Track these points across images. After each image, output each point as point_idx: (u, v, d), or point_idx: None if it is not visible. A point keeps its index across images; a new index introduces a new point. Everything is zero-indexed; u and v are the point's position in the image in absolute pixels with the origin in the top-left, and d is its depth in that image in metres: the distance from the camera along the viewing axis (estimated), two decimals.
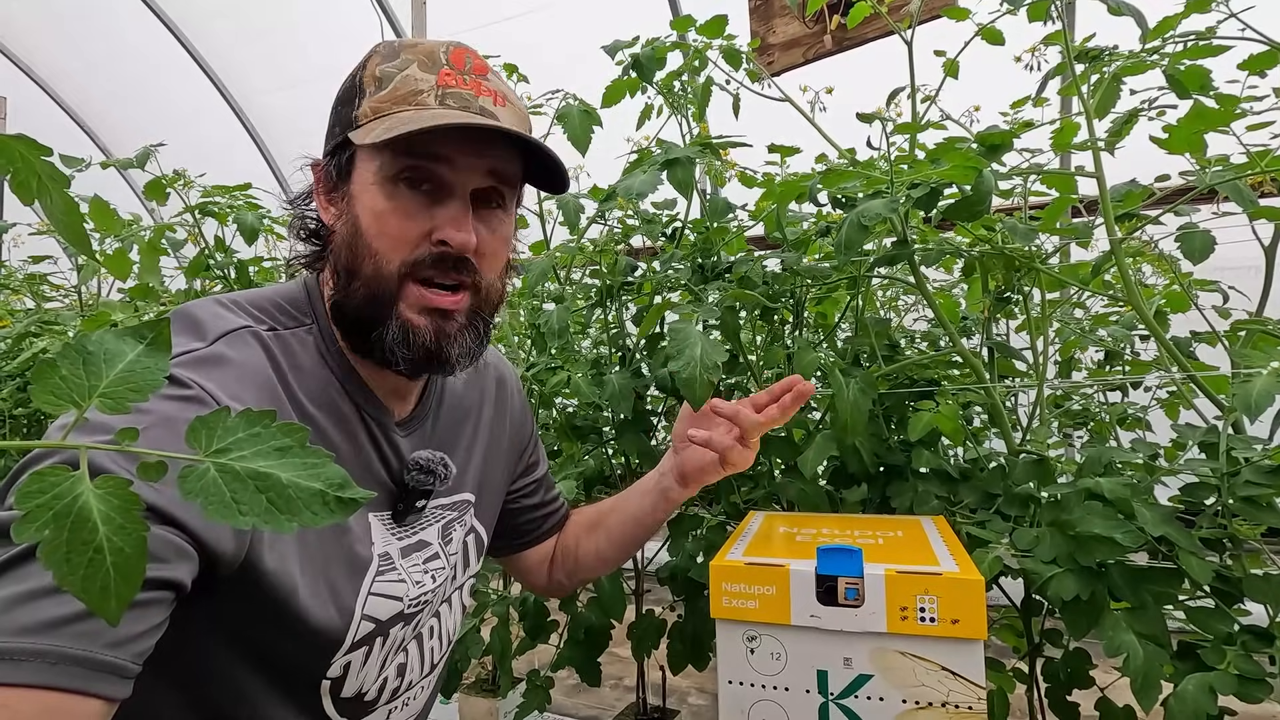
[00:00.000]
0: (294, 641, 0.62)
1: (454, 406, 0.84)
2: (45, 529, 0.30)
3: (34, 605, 0.43)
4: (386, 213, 0.65)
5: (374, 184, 0.66)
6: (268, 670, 0.64)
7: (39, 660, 0.42)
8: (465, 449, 0.84)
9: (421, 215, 0.66)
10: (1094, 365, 1.54)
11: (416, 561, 0.74)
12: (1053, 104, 1.19)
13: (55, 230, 0.38)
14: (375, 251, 0.66)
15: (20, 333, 2.05)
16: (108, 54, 4.62)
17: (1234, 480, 0.88)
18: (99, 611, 0.30)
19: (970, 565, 0.74)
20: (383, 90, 0.66)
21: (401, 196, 0.65)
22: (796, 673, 0.75)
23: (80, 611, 0.44)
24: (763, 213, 1.31)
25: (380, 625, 0.69)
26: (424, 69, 0.67)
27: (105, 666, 0.44)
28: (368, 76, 0.68)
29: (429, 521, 0.77)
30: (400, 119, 0.63)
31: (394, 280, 0.66)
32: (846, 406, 1.03)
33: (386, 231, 0.65)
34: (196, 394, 0.55)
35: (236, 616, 0.60)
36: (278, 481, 0.34)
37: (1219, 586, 0.88)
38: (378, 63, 0.68)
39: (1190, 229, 0.96)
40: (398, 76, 0.66)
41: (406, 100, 0.65)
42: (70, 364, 0.33)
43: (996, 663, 1.15)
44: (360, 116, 0.66)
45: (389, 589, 0.70)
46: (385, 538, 0.72)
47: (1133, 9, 0.94)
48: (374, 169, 0.66)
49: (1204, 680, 0.79)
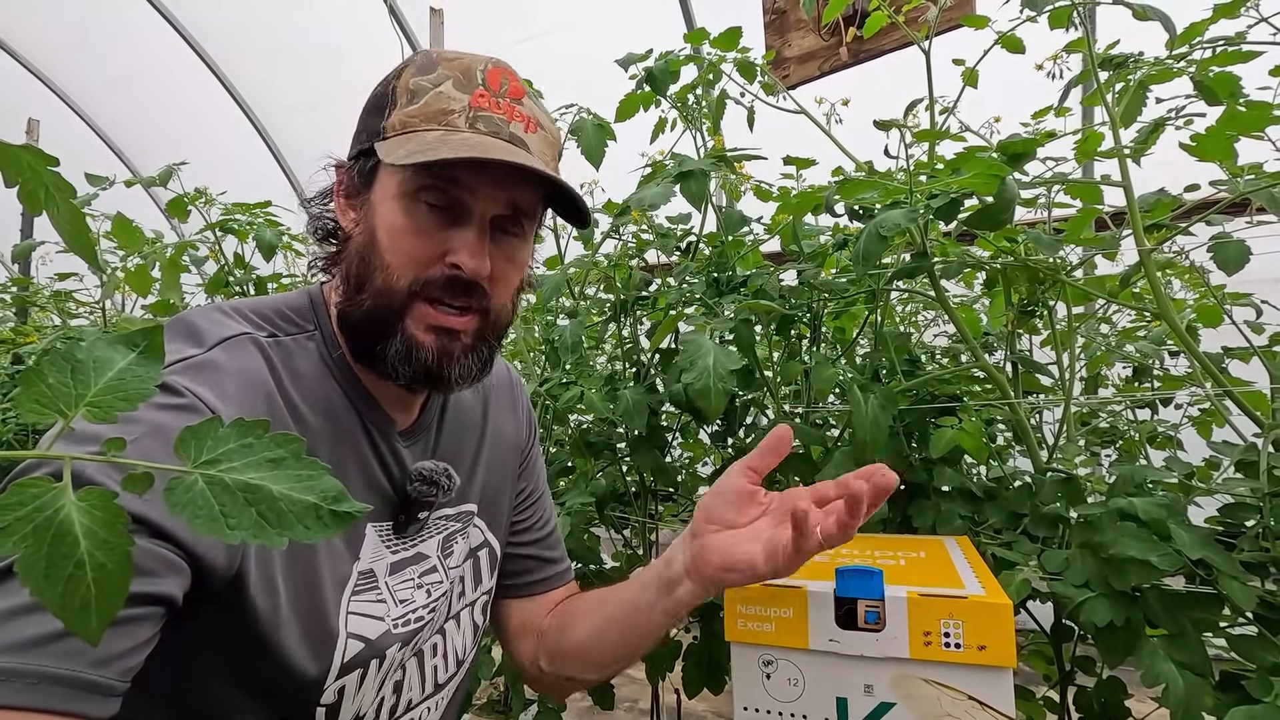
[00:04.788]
0: (280, 661, 0.60)
1: (460, 417, 0.82)
2: (24, 543, 0.29)
3: (15, 623, 0.42)
4: (403, 230, 0.65)
5: (394, 198, 0.65)
6: (259, 695, 0.62)
7: (18, 680, 0.40)
8: (470, 460, 0.82)
9: (438, 236, 0.65)
10: (1121, 382, 1.49)
11: (409, 577, 0.72)
12: (1074, 114, 1.16)
13: (61, 240, 0.37)
14: (387, 266, 0.65)
15: (46, 348, 2.08)
16: (133, 72, 4.74)
17: (1276, 501, 0.84)
18: (78, 630, 0.29)
19: (997, 588, 0.71)
20: (414, 104, 0.65)
21: (420, 215, 0.65)
22: (815, 699, 0.72)
23: (62, 630, 0.42)
24: (778, 226, 1.29)
25: (371, 645, 0.66)
26: (458, 87, 0.65)
27: (89, 685, 0.43)
28: (401, 86, 0.66)
29: (430, 534, 0.75)
30: (426, 140, 0.62)
31: (403, 296, 0.65)
32: (865, 423, 1.01)
33: (401, 248, 0.65)
34: (190, 402, 0.54)
35: (225, 634, 0.58)
36: (268, 494, 0.33)
37: (1263, 613, 0.84)
38: (412, 74, 0.67)
39: (1223, 238, 0.93)
40: (430, 92, 0.65)
41: (436, 119, 0.64)
42: (58, 372, 0.32)
43: (1026, 691, 1.10)
44: (388, 128, 0.65)
45: (367, 608, 0.67)
46: (378, 551, 0.69)
47: (1160, 13, 0.92)
48: (396, 183, 0.65)
49: (1250, 713, 0.75)
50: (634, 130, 1.33)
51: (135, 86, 4.80)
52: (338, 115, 0.74)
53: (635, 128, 1.33)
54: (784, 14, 1.46)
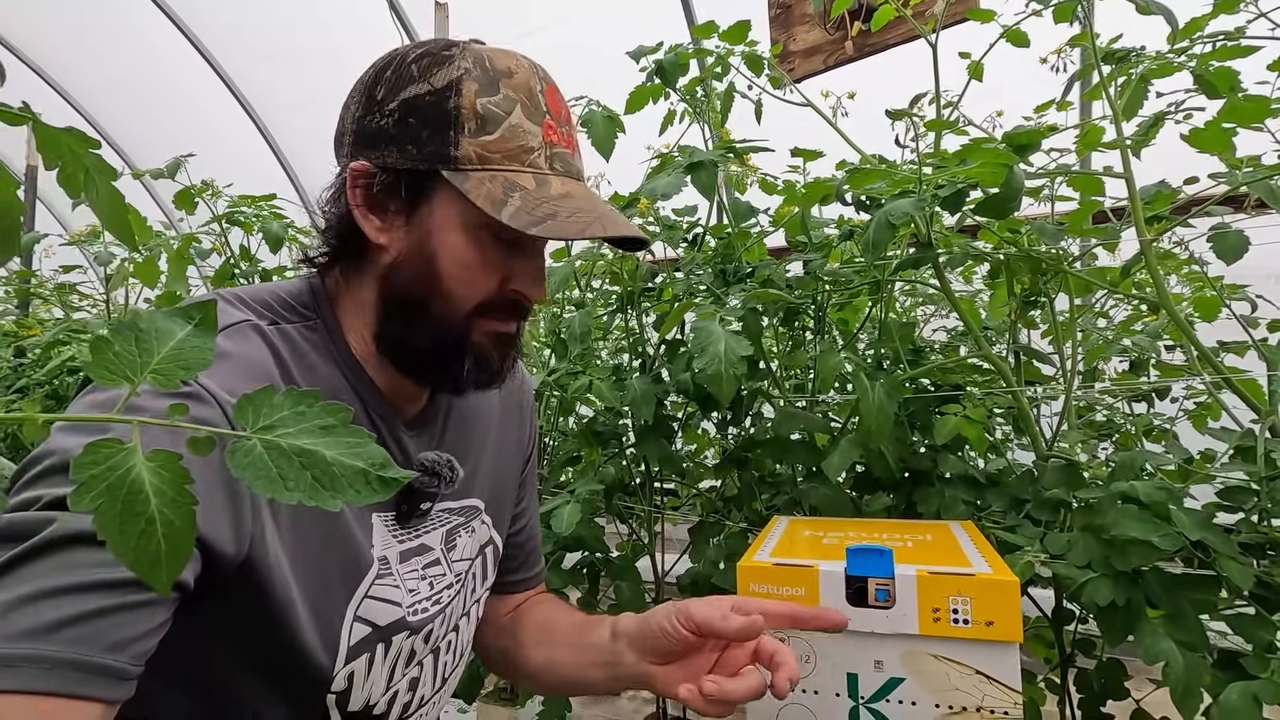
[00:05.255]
0: (290, 648, 0.61)
1: (466, 410, 0.82)
2: (100, 499, 0.30)
3: (30, 609, 0.43)
4: (472, 262, 0.65)
5: (460, 227, 0.64)
6: (269, 678, 0.62)
7: (34, 665, 0.41)
8: (476, 454, 0.82)
9: (502, 266, 0.66)
10: (1118, 375, 1.52)
11: (415, 567, 0.72)
12: (1076, 108, 1.18)
13: (100, 222, 0.39)
14: (449, 293, 0.65)
15: (50, 341, 2.09)
16: (132, 69, 4.73)
17: (1274, 484, 0.86)
18: (150, 581, 0.30)
19: (1004, 567, 0.73)
20: (488, 135, 0.62)
21: (487, 247, 0.64)
22: (826, 676, 0.74)
23: (77, 615, 0.43)
24: (784, 218, 1.31)
25: (379, 630, 0.67)
26: (528, 115, 0.64)
27: (103, 669, 0.44)
28: (466, 106, 0.62)
29: (433, 525, 0.76)
30: (531, 195, 0.62)
31: (464, 319, 0.67)
32: (871, 410, 1.02)
33: (467, 279, 0.65)
34: (194, 390, 0.54)
35: (236, 619, 0.59)
36: (322, 459, 0.34)
37: (1260, 593, 0.86)
38: (475, 91, 0.62)
39: (1223, 228, 0.95)
40: (505, 123, 0.63)
41: (518, 158, 0.63)
42: (123, 340, 0.34)
43: (1028, 673, 1.12)
44: (463, 159, 0.62)
45: (388, 593, 0.68)
46: (386, 540, 0.70)
47: (1163, 7, 0.94)
48: (458, 210, 0.64)
49: (1247, 689, 0.77)
50: (638, 124, 1.35)
51: (136, 84, 4.79)
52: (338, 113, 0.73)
53: (639, 121, 1.34)
54: (789, 8, 1.48)
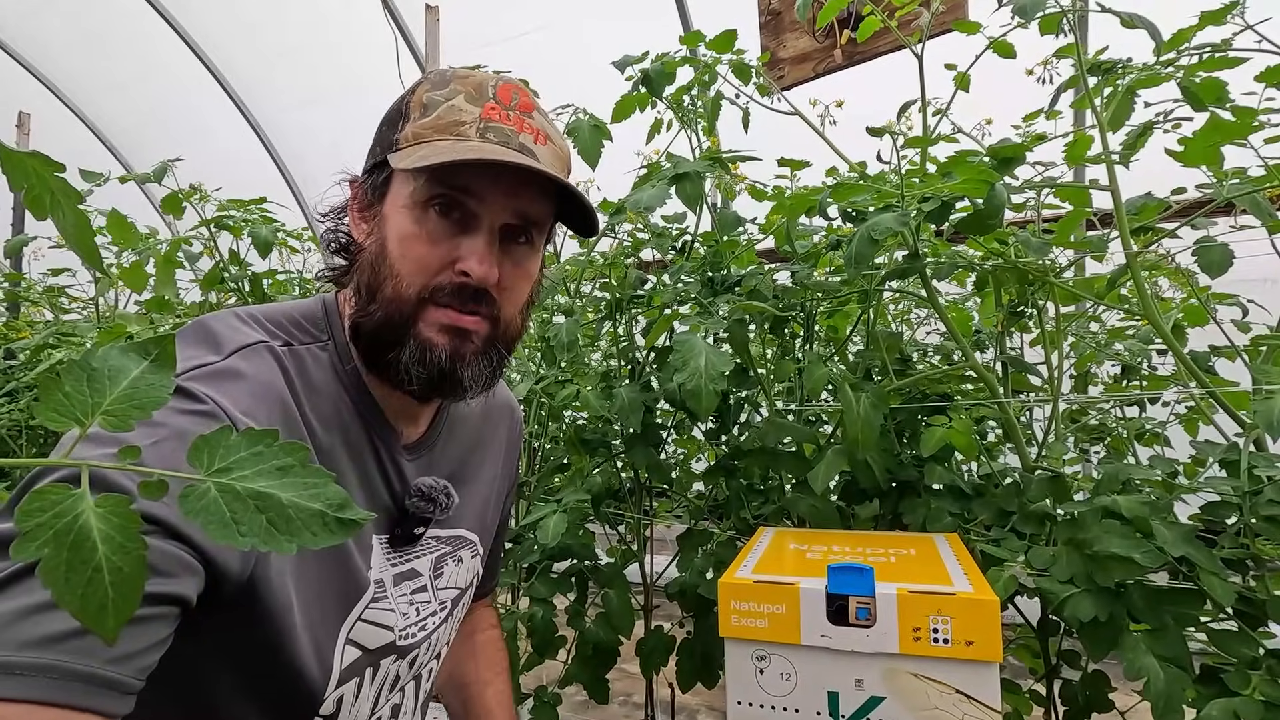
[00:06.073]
0: (285, 668, 0.61)
1: (465, 438, 0.83)
2: (45, 548, 0.30)
3: (36, 620, 0.43)
4: (412, 237, 0.66)
5: (405, 208, 0.66)
6: (260, 699, 0.63)
7: (40, 675, 0.41)
8: (471, 482, 0.83)
9: (447, 243, 0.66)
10: (1110, 380, 1.51)
11: (405, 591, 0.73)
12: (1065, 116, 1.18)
13: (67, 244, 0.38)
14: (397, 274, 0.66)
15: (39, 344, 2.08)
16: (129, 72, 4.73)
17: (1256, 499, 0.86)
18: (96, 629, 0.30)
19: (985, 585, 0.73)
20: (426, 117, 0.67)
21: (429, 223, 0.66)
22: (807, 694, 0.74)
23: (81, 627, 0.43)
24: (773, 226, 1.30)
25: (369, 654, 0.68)
26: (470, 100, 0.67)
27: (106, 682, 0.44)
28: (414, 101, 0.68)
29: (424, 551, 0.77)
30: (437, 148, 0.64)
31: (412, 304, 0.66)
32: (857, 421, 1.02)
33: (410, 255, 0.66)
34: (210, 409, 0.56)
35: (234, 638, 0.59)
36: (277, 501, 0.34)
37: (1242, 609, 0.86)
38: (426, 89, 0.69)
39: (1207, 242, 0.95)
40: (443, 105, 0.67)
41: (448, 130, 0.66)
42: (74, 380, 0.33)
43: (1013, 684, 1.13)
44: (401, 140, 0.67)
45: (381, 617, 0.69)
46: (382, 563, 0.71)
47: (1146, 22, 0.93)
48: (407, 193, 0.66)
49: (1228, 706, 0.77)
50: (629, 130, 1.34)
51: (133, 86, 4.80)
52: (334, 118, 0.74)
53: (630, 127, 1.33)
54: (779, 15, 1.47)
